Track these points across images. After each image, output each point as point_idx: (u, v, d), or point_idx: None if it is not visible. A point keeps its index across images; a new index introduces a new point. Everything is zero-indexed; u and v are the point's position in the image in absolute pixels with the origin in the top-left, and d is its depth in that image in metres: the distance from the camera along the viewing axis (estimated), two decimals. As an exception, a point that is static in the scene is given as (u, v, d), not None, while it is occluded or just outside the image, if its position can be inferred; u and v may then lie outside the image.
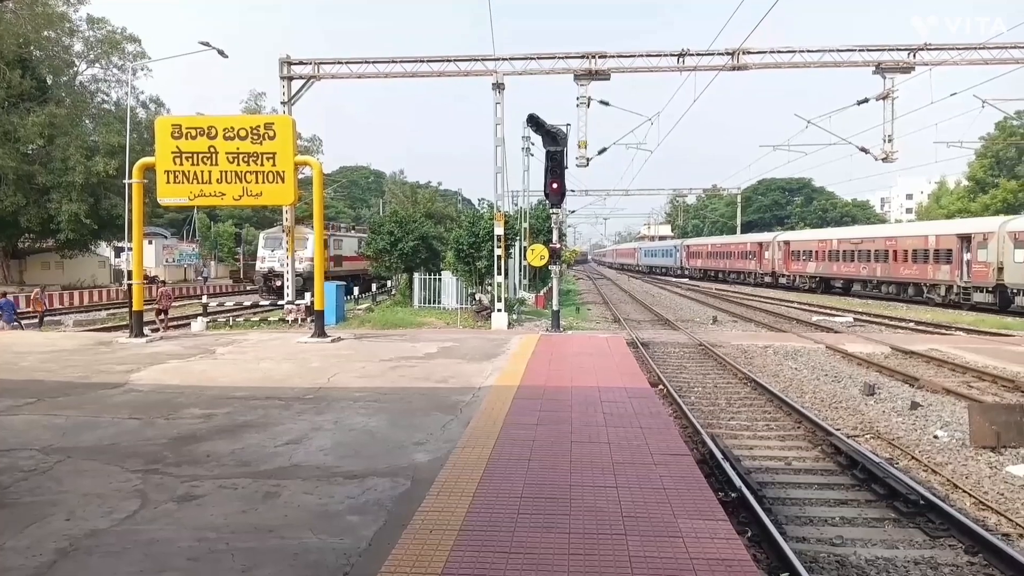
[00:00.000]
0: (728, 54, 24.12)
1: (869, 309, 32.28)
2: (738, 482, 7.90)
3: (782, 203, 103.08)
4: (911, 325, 25.92)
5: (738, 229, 77.11)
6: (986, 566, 6.31)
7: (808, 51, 24.35)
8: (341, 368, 13.00)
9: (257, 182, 16.78)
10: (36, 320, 25.52)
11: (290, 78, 25.79)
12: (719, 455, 8.93)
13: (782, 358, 18.05)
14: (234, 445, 7.68)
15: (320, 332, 17.38)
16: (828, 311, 32.10)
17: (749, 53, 24.20)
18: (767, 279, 54.15)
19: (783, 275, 51.40)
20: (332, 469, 6.85)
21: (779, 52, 24.32)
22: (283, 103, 25.89)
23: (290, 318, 25.75)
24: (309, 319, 22.13)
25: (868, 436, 10.73)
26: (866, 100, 26.01)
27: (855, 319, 28.26)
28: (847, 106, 27.18)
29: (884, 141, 25.65)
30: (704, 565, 4.76)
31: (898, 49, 24.41)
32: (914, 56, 24.34)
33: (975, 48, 23.98)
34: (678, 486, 6.36)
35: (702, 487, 6.39)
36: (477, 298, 26.30)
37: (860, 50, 24.46)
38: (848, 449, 9.34)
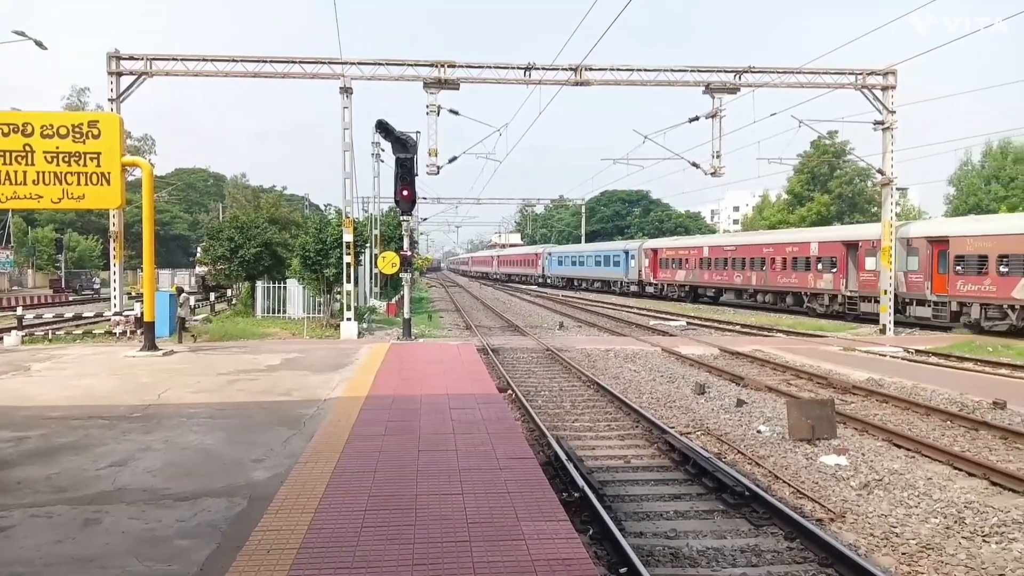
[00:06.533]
0: (571, 69, 24.94)
1: (700, 314, 34.36)
2: (581, 482, 8.15)
3: (623, 214, 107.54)
4: (738, 328, 27.86)
5: (583, 238, 79.63)
6: (803, 550, 6.86)
7: (645, 70, 25.63)
8: (174, 383, 12.26)
9: (79, 184, 15.63)
10: None
11: (119, 73, 23.98)
12: (563, 456, 9.19)
13: (622, 361, 18.85)
14: (49, 470, 7.06)
15: (151, 345, 16.33)
16: (664, 315, 33.87)
17: (591, 70, 25.13)
18: (919, 308, 26.19)
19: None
20: (161, 491, 6.44)
21: (619, 70, 25.43)
22: (110, 100, 23.98)
23: (117, 330, 23.86)
24: (139, 331, 20.66)
25: (699, 433, 11.42)
26: (697, 118, 27.57)
27: (688, 323, 30.01)
28: (680, 123, 28.62)
29: (713, 157, 27.28)
30: (545, 566, 4.88)
31: (725, 71, 26.18)
32: (739, 78, 26.18)
33: (792, 72, 26.15)
34: (522, 490, 6.49)
35: (545, 489, 6.56)
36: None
37: (691, 71, 26.03)
38: (681, 446, 9.88)
